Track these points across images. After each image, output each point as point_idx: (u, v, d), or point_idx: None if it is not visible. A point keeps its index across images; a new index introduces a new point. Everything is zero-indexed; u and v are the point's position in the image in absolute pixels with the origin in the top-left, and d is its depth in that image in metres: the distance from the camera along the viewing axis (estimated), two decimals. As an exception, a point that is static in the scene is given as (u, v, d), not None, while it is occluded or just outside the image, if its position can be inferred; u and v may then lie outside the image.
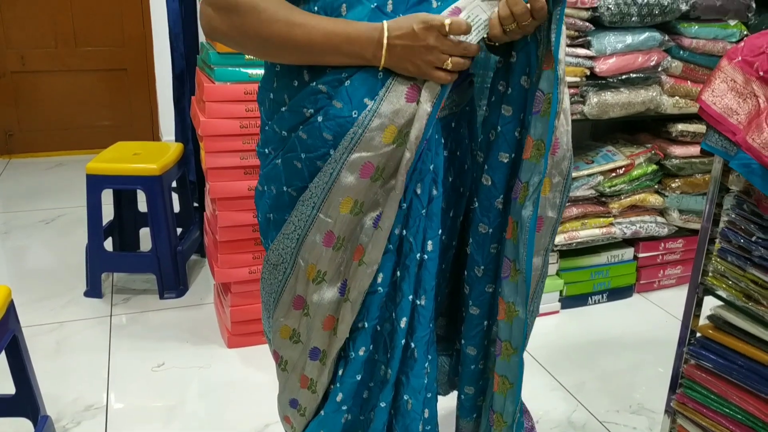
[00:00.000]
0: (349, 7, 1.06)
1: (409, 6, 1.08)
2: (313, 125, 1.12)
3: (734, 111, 1.35)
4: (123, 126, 4.62)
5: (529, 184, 1.09)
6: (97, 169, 2.53)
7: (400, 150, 1.09)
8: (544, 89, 1.06)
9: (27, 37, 4.29)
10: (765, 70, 1.31)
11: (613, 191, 2.52)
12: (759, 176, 1.23)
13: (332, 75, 1.09)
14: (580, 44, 2.31)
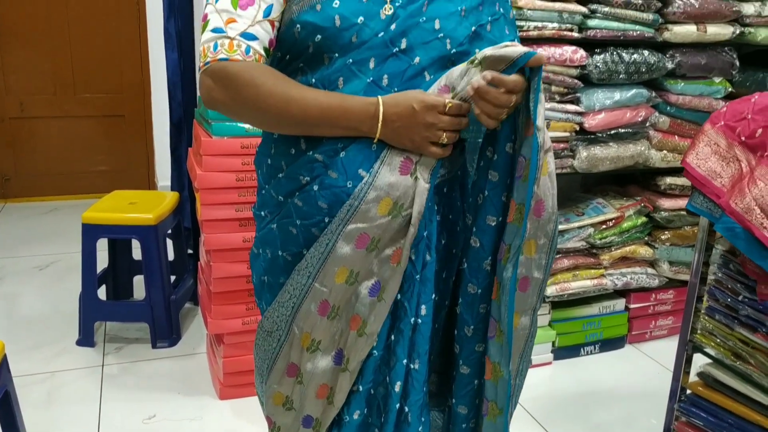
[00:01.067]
0: (345, 81, 1.11)
1: (404, 80, 1.12)
2: (309, 193, 1.15)
3: (718, 174, 1.40)
4: (119, 172, 4.65)
5: (511, 246, 1.12)
6: (93, 218, 2.55)
7: (395, 221, 1.12)
8: (526, 155, 1.10)
9: (27, 84, 4.36)
10: (747, 135, 1.35)
11: (604, 243, 2.56)
12: (743, 240, 1.26)
13: (328, 145, 1.12)
14: (569, 100, 2.37)
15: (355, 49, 1.10)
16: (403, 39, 1.11)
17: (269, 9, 1.09)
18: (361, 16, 1.09)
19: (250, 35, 1.08)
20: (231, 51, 1.07)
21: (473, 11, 1.16)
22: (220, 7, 1.08)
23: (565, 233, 2.51)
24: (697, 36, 2.43)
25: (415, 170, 1.11)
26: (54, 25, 4.31)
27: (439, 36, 1.13)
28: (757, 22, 2.52)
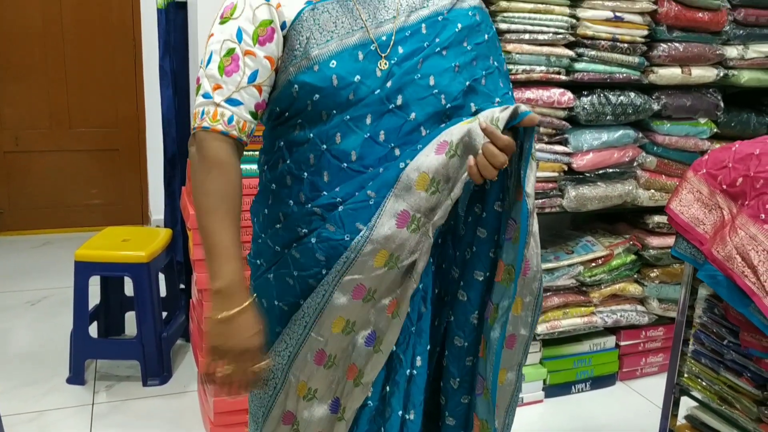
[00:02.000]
0: (343, 136, 1.13)
1: (401, 135, 1.14)
2: (306, 245, 1.16)
3: (700, 221, 1.42)
4: (113, 205, 4.66)
5: (499, 306, 1.14)
6: (86, 255, 2.56)
7: (391, 272, 1.14)
8: (516, 218, 1.12)
9: (22, 118, 4.38)
10: (728, 183, 1.39)
11: (594, 281, 2.58)
12: (725, 288, 1.29)
13: (327, 199, 1.14)
14: (557, 141, 2.41)
15: (352, 106, 1.12)
16: (399, 96, 1.14)
17: (254, 75, 1.12)
18: (357, 75, 1.12)
19: (234, 101, 1.12)
20: (214, 120, 1.11)
21: (467, 66, 1.20)
22: (209, 72, 1.12)
23: (555, 271, 2.53)
24: (682, 78, 2.48)
25: (412, 222, 1.12)
26: (50, 60, 4.36)
27: (434, 92, 1.16)
28: (740, 65, 2.58)
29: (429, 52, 1.16)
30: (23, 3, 4.22)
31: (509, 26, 2.22)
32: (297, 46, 1.12)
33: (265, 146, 1.26)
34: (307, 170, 1.16)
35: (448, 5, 1.20)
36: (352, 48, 1.12)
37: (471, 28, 1.22)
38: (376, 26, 1.15)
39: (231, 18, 1.13)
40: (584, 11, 2.32)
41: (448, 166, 1.11)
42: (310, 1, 1.13)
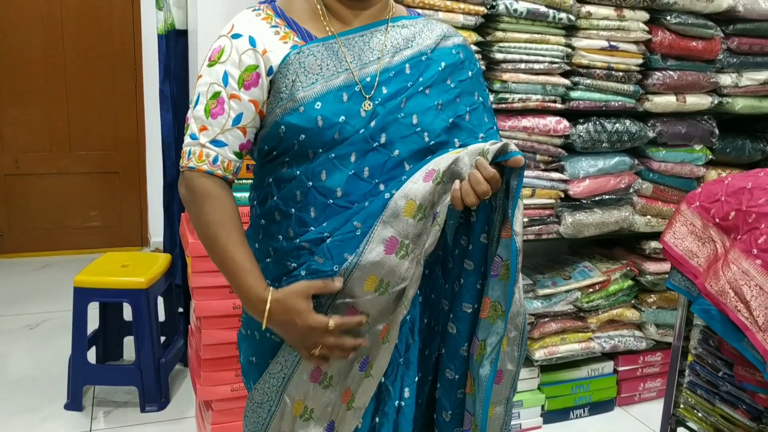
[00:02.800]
0: (328, 173, 1.15)
1: (384, 171, 1.17)
2: (296, 278, 1.18)
3: (694, 254, 1.44)
4: (112, 227, 4.68)
5: (486, 343, 1.15)
6: (85, 282, 2.57)
7: (383, 297, 1.15)
8: (503, 255, 1.14)
9: (23, 141, 4.41)
10: (720, 217, 1.40)
11: (591, 306, 2.59)
12: (719, 322, 1.30)
13: (315, 234, 1.16)
14: (554, 168, 2.43)
15: (337, 145, 1.15)
16: (383, 134, 1.16)
17: (239, 117, 1.16)
18: (342, 116, 1.14)
19: (219, 142, 1.16)
20: (199, 161, 1.15)
21: (451, 104, 1.22)
22: (196, 114, 1.16)
23: (552, 297, 2.54)
24: (677, 106, 2.51)
25: (401, 249, 1.14)
26: (52, 83, 4.39)
27: (417, 130, 1.18)
28: (734, 93, 2.60)
29: (412, 92, 1.19)
30: (26, 26, 4.27)
31: (505, 56, 2.24)
32: (283, 88, 1.15)
33: (255, 182, 1.29)
34: (295, 206, 1.18)
35: (431, 45, 1.23)
36: (336, 90, 1.15)
37: (455, 66, 1.24)
38: (360, 68, 1.17)
39: (218, 62, 1.16)
40: (579, 40, 2.35)
41: (434, 193, 1.13)
42: (296, 46, 1.16)
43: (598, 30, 2.35)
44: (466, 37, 2.17)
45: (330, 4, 1.22)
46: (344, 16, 1.22)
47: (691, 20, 2.43)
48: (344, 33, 1.20)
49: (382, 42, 1.21)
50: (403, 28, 1.24)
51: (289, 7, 1.23)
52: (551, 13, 2.25)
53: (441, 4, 2.13)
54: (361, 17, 1.22)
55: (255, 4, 1.26)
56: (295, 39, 1.18)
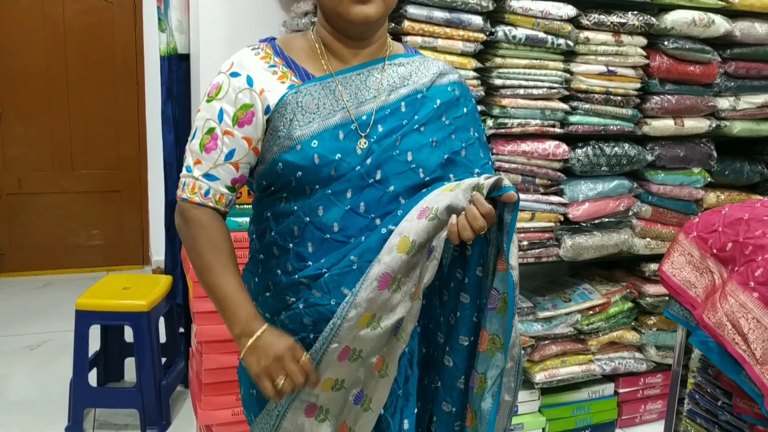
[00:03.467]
0: (325, 209, 1.18)
1: (380, 206, 1.18)
2: (294, 311, 1.20)
3: (692, 284, 1.45)
4: (114, 246, 4.69)
5: (486, 376, 1.16)
6: (87, 305, 2.58)
7: (374, 332, 1.16)
8: (500, 289, 1.15)
9: (25, 160, 4.43)
10: (718, 248, 1.41)
11: (591, 329, 2.59)
12: (716, 354, 1.30)
13: (313, 270, 1.18)
14: (553, 192, 2.44)
15: (333, 182, 1.17)
16: (378, 171, 1.18)
17: (231, 153, 1.19)
18: (338, 153, 1.16)
19: (211, 176, 1.19)
20: (192, 192, 1.20)
21: (445, 140, 1.25)
22: (192, 147, 1.20)
23: (552, 320, 2.54)
24: (675, 129, 2.53)
25: (393, 283, 1.15)
26: (54, 102, 4.42)
27: (412, 167, 1.20)
28: (732, 116, 2.62)
29: (407, 130, 1.21)
30: (29, 47, 4.30)
31: (504, 81, 2.26)
32: (281, 127, 1.17)
33: (254, 215, 1.32)
34: (293, 241, 1.20)
35: (427, 83, 1.25)
36: (333, 128, 1.17)
37: (450, 103, 1.27)
38: (356, 106, 1.20)
39: (215, 98, 1.19)
40: (578, 66, 2.37)
41: (428, 229, 1.15)
42: (293, 86, 1.19)
43: (596, 55, 2.38)
44: (465, 63, 2.20)
45: (329, 43, 1.24)
46: (343, 55, 1.24)
47: (688, 45, 2.45)
48: (341, 72, 1.22)
49: (379, 80, 1.23)
50: (399, 66, 1.26)
51: (288, 46, 1.25)
52: (550, 39, 2.27)
53: (440, 32, 2.15)
54: (360, 56, 1.24)
55: (255, 42, 1.28)
56: (293, 78, 1.20)
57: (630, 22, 2.35)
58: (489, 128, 2.26)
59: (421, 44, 2.14)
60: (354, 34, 1.22)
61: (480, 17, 2.19)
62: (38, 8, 4.26)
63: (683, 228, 1.50)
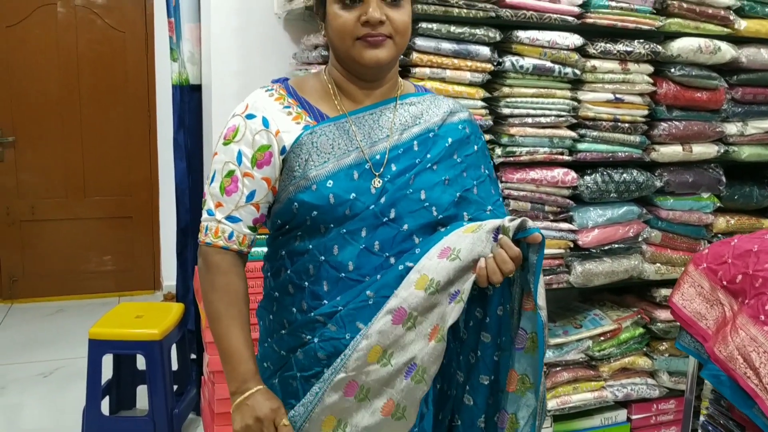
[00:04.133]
0: (340, 248, 1.19)
1: (394, 244, 1.20)
2: (309, 346, 1.21)
3: (703, 316, 1.45)
4: (125, 272, 4.72)
5: (518, 416, 1.17)
6: (100, 334, 2.60)
7: (384, 369, 1.17)
8: (527, 329, 1.16)
9: (39, 187, 4.48)
10: (728, 280, 1.42)
11: (603, 355, 2.59)
12: (728, 388, 1.31)
13: (328, 308, 1.19)
14: (563, 219, 2.45)
15: (348, 221, 1.19)
16: (392, 209, 1.20)
17: (252, 194, 1.22)
18: (353, 193, 1.18)
19: (234, 218, 1.22)
20: (216, 237, 1.22)
21: (457, 179, 1.26)
22: (212, 191, 1.22)
23: (564, 346, 2.54)
24: (683, 155, 2.54)
25: (408, 320, 1.16)
26: (67, 129, 4.47)
27: (425, 205, 1.22)
28: (740, 141, 2.63)
29: (420, 168, 1.23)
30: (42, 75, 4.37)
31: (512, 110, 2.28)
32: (296, 167, 1.19)
33: (268, 253, 1.33)
34: (308, 280, 1.22)
35: (438, 122, 1.28)
36: (347, 168, 1.20)
37: (461, 141, 1.29)
38: (370, 146, 1.22)
39: (233, 141, 1.22)
40: (585, 94, 2.39)
41: (449, 270, 1.16)
42: (309, 126, 1.21)
43: (604, 83, 2.39)
44: (473, 93, 2.23)
45: (341, 84, 1.27)
46: (355, 96, 1.26)
47: (695, 72, 2.47)
48: (355, 112, 1.25)
49: (391, 120, 1.25)
50: (411, 105, 1.28)
51: (302, 87, 1.28)
52: (557, 68, 2.30)
53: (449, 63, 2.18)
54: (372, 96, 1.27)
55: (266, 76, 1.31)
56: (307, 119, 1.23)
57: (636, 51, 2.37)
58: (498, 156, 2.28)
59: (429, 75, 2.17)
60: (366, 76, 1.25)
61: (487, 48, 2.22)
62: (52, 37, 4.34)
63: (693, 259, 1.51)
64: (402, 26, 1.19)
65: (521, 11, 2.23)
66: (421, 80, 2.16)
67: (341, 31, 1.19)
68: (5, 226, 4.45)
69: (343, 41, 1.19)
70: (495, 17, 2.21)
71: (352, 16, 1.17)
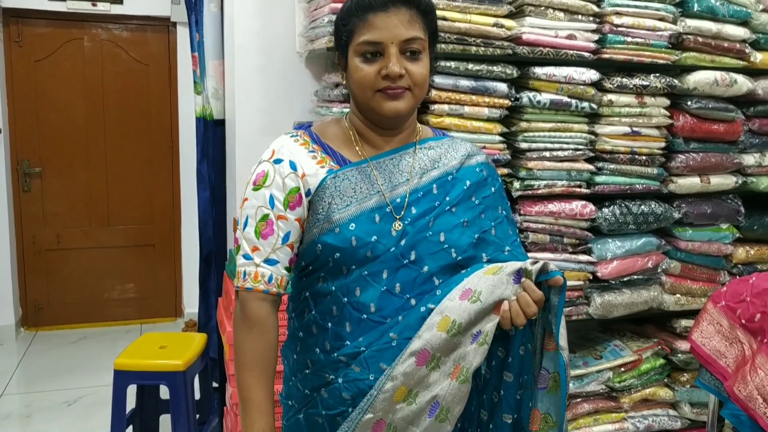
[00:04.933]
0: (362, 290, 1.23)
1: (415, 286, 1.23)
2: (334, 386, 1.24)
3: (722, 354, 1.46)
4: (148, 299, 4.79)
5: None
6: (125, 365, 2.64)
7: (410, 407, 1.20)
8: (549, 368, 1.19)
9: (64, 216, 4.58)
10: (746, 318, 1.43)
11: (624, 386, 2.58)
12: (748, 428, 1.31)
13: (351, 348, 1.22)
14: (582, 251, 2.47)
15: (369, 262, 1.23)
16: (413, 251, 1.24)
17: (287, 236, 1.26)
18: (374, 236, 1.22)
19: (272, 261, 1.25)
20: (256, 281, 1.25)
21: (476, 220, 1.30)
22: (247, 236, 1.26)
23: (584, 377, 2.54)
24: (701, 187, 2.55)
25: (431, 361, 1.19)
26: (92, 159, 4.58)
27: (445, 247, 1.26)
28: (758, 172, 2.64)
29: (440, 211, 1.27)
30: (69, 106, 4.48)
31: (530, 145, 2.32)
32: (320, 210, 1.24)
33: (292, 294, 1.37)
34: (331, 321, 1.26)
35: (456, 165, 1.32)
36: (369, 211, 1.24)
37: (479, 184, 1.33)
38: (391, 189, 1.26)
39: (263, 186, 1.26)
40: (602, 127, 2.41)
41: (470, 311, 1.19)
42: (332, 170, 1.26)
43: (620, 117, 2.42)
44: (491, 128, 2.27)
45: (362, 130, 1.31)
46: (375, 142, 1.31)
47: (711, 104, 2.49)
48: (375, 157, 1.29)
49: (411, 164, 1.29)
50: (429, 149, 1.33)
51: (324, 133, 1.33)
52: (574, 103, 2.33)
53: (467, 99, 2.22)
54: (392, 142, 1.31)
55: (291, 129, 1.36)
56: (331, 163, 1.27)
57: (652, 84, 2.40)
58: (516, 190, 2.31)
59: (448, 111, 2.22)
60: (386, 124, 1.29)
61: (505, 84, 2.26)
62: (79, 70, 4.46)
63: (711, 297, 1.53)
64: (420, 79, 1.24)
65: (538, 48, 2.27)
66: (439, 116, 2.21)
67: (362, 83, 1.23)
68: (31, 255, 4.54)
69: (364, 92, 1.24)
70: (512, 54, 2.25)
71: (373, 69, 1.22)
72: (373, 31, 1.21)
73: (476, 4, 2.19)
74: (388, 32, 1.21)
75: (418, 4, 1.23)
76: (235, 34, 2.54)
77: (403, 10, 1.22)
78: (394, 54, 1.21)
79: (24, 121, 4.40)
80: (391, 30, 1.21)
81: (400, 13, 1.21)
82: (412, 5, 1.23)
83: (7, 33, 4.26)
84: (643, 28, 2.39)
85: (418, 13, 1.24)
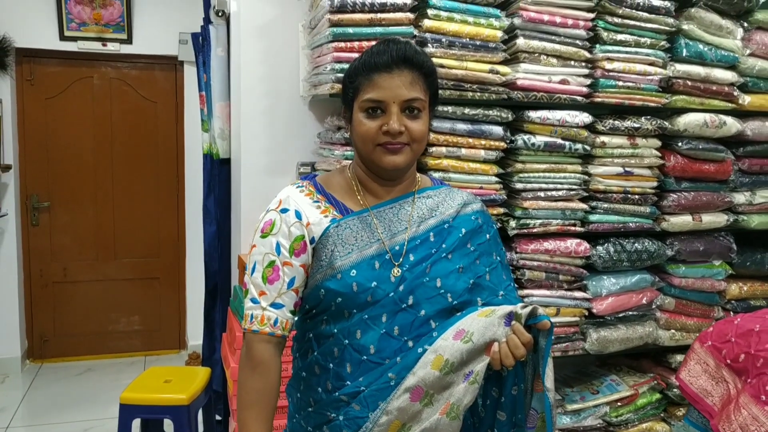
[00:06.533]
0: (362, 332, 1.30)
1: (412, 329, 1.30)
2: (335, 423, 1.31)
3: (709, 393, 1.52)
4: (152, 332, 4.84)
5: None
6: (131, 399, 2.70)
7: None
8: (538, 408, 1.25)
9: (71, 249, 4.64)
10: (731, 358, 1.49)
11: (620, 420, 2.63)
12: (733, 465, 1.36)
13: (351, 388, 1.29)
14: (577, 287, 2.53)
15: (370, 307, 1.30)
16: (410, 296, 1.31)
17: (292, 281, 1.34)
18: (374, 281, 1.30)
19: (278, 305, 1.33)
20: (262, 324, 1.32)
21: (471, 266, 1.37)
22: (254, 281, 1.34)
23: (581, 412, 2.59)
24: (693, 225, 2.62)
25: (425, 397, 1.25)
26: (100, 195, 4.65)
27: (441, 292, 1.33)
28: (749, 210, 2.71)
29: (436, 258, 1.34)
30: (78, 141, 4.56)
31: (525, 185, 2.40)
32: (323, 257, 1.31)
33: (297, 335, 1.45)
34: (332, 362, 1.33)
35: (453, 213, 1.40)
36: (369, 258, 1.31)
37: (474, 231, 1.40)
38: (390, 237, 1.34)
39: (270, 234, 1.34)
40: (595, 168, 2.49)
41: (462, 351, 1.25)
42: (335, 219, 1.34)
43: (613, 158, 2.50)
44: (487, 169, 2.35)
45: (364, 180, 1.40)
46: (376, 191, 1.39)
47: (702, 145, 2.57)
48: (376, 206, 1.37)
49: (410, 213, 1.37)
50: (427, 198, 1.41)
51: (328, 183, 1.41)
52: (567, 145, 2.41)
53: (464, 142, 2.31)
54: (392, 192, 1.39)
55: (298, 181, 1.44)
56: (334, 213, 1.35)
57: (644, 126, 2.49)
58: (512, 229, 2.38)
59: (445, 153, 2.30)
60: (386, 175, 1.37)
61: (500, 127, 2.35)
62: (89, 107, 4.57)
63: (699, 337, 1.59)
64: (419, 135, 1.32)
65: (532, 93, 2.36)
66: (438, 158, 2.29)
67: (364, 137, 1.32)
68: (38, 288, 4.61)
69: (366, 145, 1.33)
70: (507, 99, 2.34)
71: (375, 125, 1.31)
72: (377, 90, 1.30)
73: (472, 52, 2.29)
74: (390, 92, 1.29)
75: (420, 66, 1.32)
76: (242, 78, 2.64)
77: (405, 72, 1.31)
78: (395, 112, 1.29)
79: (34, 157, 4.50)
80: (393, 90, 1.29)
81: (403, 75, 1.30)
82: (415, 68, 1.32)
83: (19, 71, 4.38)
84: (633, 72, 2.48)
85: (420, 75, 1.32)
